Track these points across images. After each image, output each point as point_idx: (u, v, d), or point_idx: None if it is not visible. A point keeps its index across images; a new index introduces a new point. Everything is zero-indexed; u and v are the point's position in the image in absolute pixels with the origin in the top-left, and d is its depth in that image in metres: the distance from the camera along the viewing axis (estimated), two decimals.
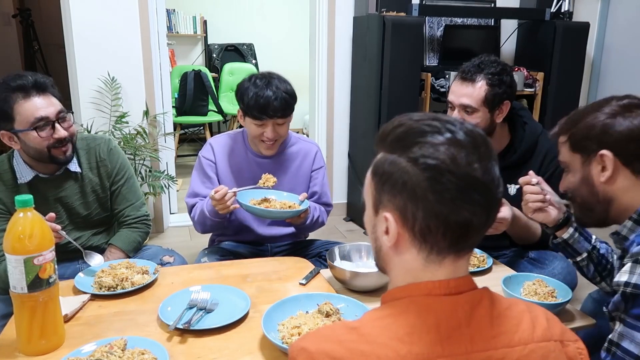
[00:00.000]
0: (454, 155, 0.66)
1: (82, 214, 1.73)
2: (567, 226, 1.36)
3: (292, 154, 1.92)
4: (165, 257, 1.72)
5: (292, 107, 1.77)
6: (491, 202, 0.68)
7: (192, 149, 5.61)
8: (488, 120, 1.74)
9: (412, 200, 0.68)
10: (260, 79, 1.74)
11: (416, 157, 0.67)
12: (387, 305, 0.72)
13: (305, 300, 1.28)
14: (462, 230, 0.68)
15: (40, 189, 1.64)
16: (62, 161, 1.62)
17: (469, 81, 1.71)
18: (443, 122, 0.70)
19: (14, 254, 1.07)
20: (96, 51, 2.93)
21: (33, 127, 1.52)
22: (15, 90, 1.51)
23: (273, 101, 1.69)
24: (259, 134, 1.77)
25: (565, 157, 1.20)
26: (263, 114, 1.71)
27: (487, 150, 0.69)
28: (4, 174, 1.62)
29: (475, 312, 0.69)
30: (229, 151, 1.89)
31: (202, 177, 1.86)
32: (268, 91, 1.70)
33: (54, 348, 1.13)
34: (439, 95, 3.27)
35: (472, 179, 0.66)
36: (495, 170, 0.69)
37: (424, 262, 0.71)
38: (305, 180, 1.93)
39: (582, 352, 0.76)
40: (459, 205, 0.66)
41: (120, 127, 2.97)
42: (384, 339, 0.65)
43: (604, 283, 1.35)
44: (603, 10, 3.86)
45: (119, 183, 1.78)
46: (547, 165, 1.80)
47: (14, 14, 5.19)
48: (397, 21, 2.99)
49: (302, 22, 4.86)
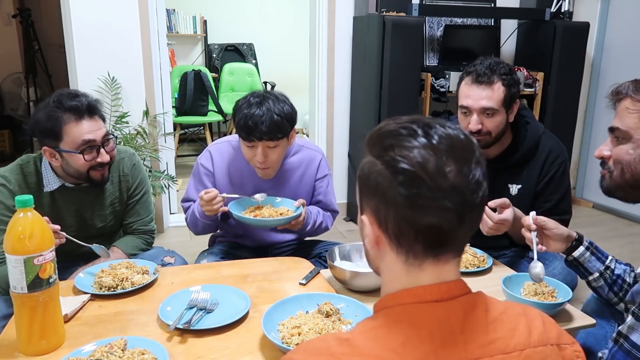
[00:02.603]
0: (424, 160, 0.65)
1: (98, 225, 1.74)
2: (579, 245, 1.35)
3: (295, 163, 1.85)
4: (166, 258, 1.72)
5: (283, 130, 1.64)
6: (463, 207, 0.66)
7: (192, 149, 5.61)
8: (505, 120, 1.73)
9: (383, 203, 0.68)
10: (255, 97, 1.66)
11: (388, 160, 0.67)
12: (379, 314, 0.71)
13: (305, 300, 1.28)
14: (432, 234, 0.67)
15: (63, 198, 1.65)
16: (98, 182, 1.63)
17: (486, 84, 1.68)
18: (422, 125, 0.68)
19: (14, 254, 1.07)
20: (96, 51, 2.93)
21: (80, 151, 1.53)
22: (68, 110, 1.51)
23: (261, 124, 1.59)
24: (250, 157, 1.70)
25: (631, 125, 1.11)
26: (251, 135, 1.62)
27: (466, 153, 0.67)
28: (29, 176, 1.62)
29: (469, 318, 0.68)
30: (229, 161, 1.83)
31: (198, 184, 1.83)
32: (258, 111, 1.60)
33: (54, 348, 1.13)
34: (439, 95, 3.26)
35: (442, 184, 0.65)
36: (475, 174, 0.67)
37: (404, 265, 0.70)
38: (309, 189, 1.88)
39: (580, 354, 0.75)
40: (426, 210, 0.65)
41: (120, 127, 2.97)
42: (377, 351, 0.64)
43: (622, 304, 1.32)
44: (603, 10, 3.85)
45: (135, 198, 1.80)
46: (549, 165, 1.80)
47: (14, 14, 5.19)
48: (397, 21, 2.99)
49: (302, 22, 4.86)
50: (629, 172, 1.13)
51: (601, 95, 3.89)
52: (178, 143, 5.11)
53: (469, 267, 1.56)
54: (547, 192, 1.81)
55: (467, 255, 1.60)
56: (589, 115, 4.03)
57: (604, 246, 1.41)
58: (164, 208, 3.33)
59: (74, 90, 1.60)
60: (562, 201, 1.82)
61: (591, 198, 4.03)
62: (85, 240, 1.67)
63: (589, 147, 4.05)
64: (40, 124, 1.52)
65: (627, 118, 1.12)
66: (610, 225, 3.65)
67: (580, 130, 4.04)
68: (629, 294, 1.00)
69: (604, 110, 3.79)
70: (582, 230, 1.46)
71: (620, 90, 1.15)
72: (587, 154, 4.06)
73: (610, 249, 1.44)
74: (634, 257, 3.04)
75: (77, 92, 1.57)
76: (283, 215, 1.67)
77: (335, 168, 3.59)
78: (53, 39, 5.36)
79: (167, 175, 3.16)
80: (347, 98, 3.53)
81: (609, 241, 3.26)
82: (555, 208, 1.79)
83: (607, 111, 1.21)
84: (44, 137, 1.53)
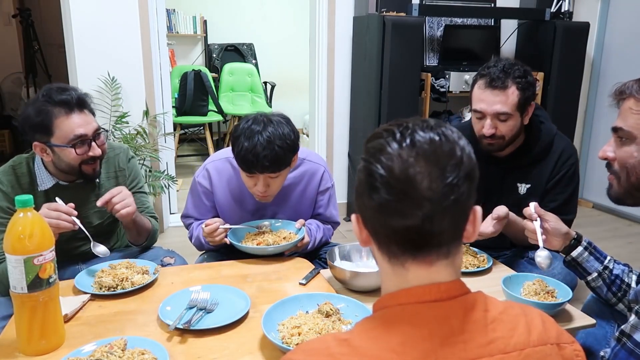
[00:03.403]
0: (394, 166, 0.66)
1: (94, 223, 1.73)
2: (578, 245, 1.35)
3: (296, 178, 1.79)
4: (166, 258, 1.71)
5: (286, 162, 1.58)
6: (433, 212, 0.65)
7: (192, 149, 5.62)
8: (519, 123, 1.71)
9: (362, 204, 0.71)
10: (256, 124, 1.55)
11: (365, 163, 0.69)
12: (378, 314, 0.71)
13: (305, 300, 1.28)
14: (405, 236, 0.67)
15: (57, 197, 1.64)
16: (90, 177, 1.63)
17: (500, 88, 1.66)
18: (402, 128, 0.69)
19: (14, 254, 1.06)
20: (96, 51, 2.93)
21: (71, 145, 1.53)
22: (58, 104, 1.51)
23: (262, 158, 1.51)
24: (250, 185, 1.64)
25: (632, 125, 1.10)
26: (252, 169, 1.55)
27: (442, 157, 0.66)
28: (22, 177, 1.61)
29: (468, 317, 0.68)
30: (227, 178, 1.76)
31: (197, 201, 1.80)
32: (259, 144, 1.51)
33: (54, 348, 1.13)
34: (439, 95, 3.27)
35: (410, 191, 0.65)
36: (448, 178, 0.66)
37: (389, 265, 0.71)
38: (311, 204, 1.84)
39: (579, 354, 0.75)
40: (395, 214, 0.66)
41: (120, 127, 2.97)
42: (376, 351, 0.64)
43: (621, 304, 1.33)
44: (603, 10, 3.85)
45: (133, 189, 1.79)
46: (560, 165, 1.79)
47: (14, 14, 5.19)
48: (397, 21, 2.99)
49: (302, 22, 4.87)
50: (634, 176, 1.12)
51: (601, 95, 3.89)
52: (178, 143, 5.11)
53: (469, 267, 1.56)
54: (554, 191, 1.80)
55: (467, 255, 1.60)
56: (589, 115, 4.03)
57: (604, 246, 1.41)
58: (164, 208, 3.33)
59: (63, 84, 1.59)
60: (568, 202, 1.81)
61: (591, 198, 4.03)
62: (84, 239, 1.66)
63: (589, 147, 4.05)
64: (30, 119, 1.51)
65: (630, 118, 1.11)
66: (610, 225, 3.65)
67: (581, 131, 4.04)
68: (632, 293, 1.00)
69: (604, 110, 3.81)
70: (582, 230, 1.46)
71: (624, 89, 1.13)
72: (587, 154, 4.06)
73: (610, 249, 1.44)
74: (634, 257, 3.04)
75: (66, 86, 1.56)
76: (286, 239, 1.65)
77: (335, 168, 3.60)
78: (53, 39, 5.36)
79: (167, 175, 3.16)
80: (347, 98, 3.53)
81: (609, 241, 3.26)
82: (560, 208, 1.77)
83: (607, 111, 1.21)
84: (35, 133, 1.53)
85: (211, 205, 1.80)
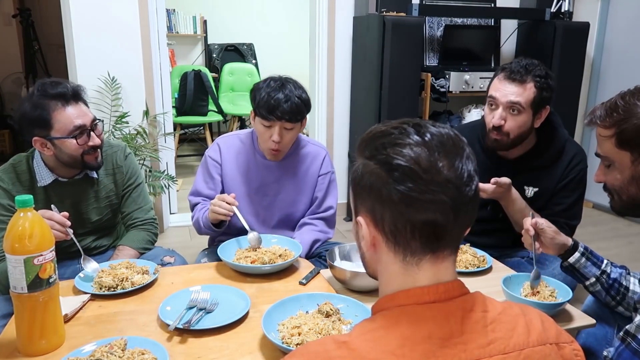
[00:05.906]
0: (417, 156, 0.67)
1: (93, 219, 1.73)
2: (575, 251, 1.36)
3: (301, 157, 1.89)
4: (166, 258, 1.71)
5: (302, 113, 1.73)
6: (458, 200, 0.67)
7: (192, 149, 5.61)
8: (529, 123, 1.71)
9: (379, 201, 0.69)
10: (275, 81, 1.73)
11: (382, 159, 0.69)
12: (377, 316, 0.71)
13: (305, 300, 1.28)
14: (429, 229, 0.68)
15: (57, 193, 1.65)
16: (94, 166, 1.65)
17: (518, 82, 1.67)
18: (413, 125, 0.71)
19: (14, 254, 1.07)
20: (96, 51, 2.93)
21: (72, 135, 1.54)
22: (54, 98, 1.52)
23: (283, 103, 1.66)
24: (266, 137, 1.74)
25: (608, 151, 1.14)
26: (271, 114, 1.67)
27: (457, 149, 0.70)
28: (22, 174, 1.63)
29: (467, 318, 0.68)
30: (236, 153, 1.87)
31: (206, 176, 1.86)
32: (280, 93, 1.68)
33: (54, 348, 1.13)
34: (439, 95, 3.26)
35: (436, 178, 0.67)
36: (467, 167, 0.69)
37: (402, 265, 0.71)
38: (312, 184, 1.91)
39: (579, 353, 0.75)
40: (422, 205, 0.67)
41: (120, 127, 2.97)
42: (376, 354, 0.64)
43: (620, 307, 1.33)
44: (603, 10, 3.85)
45: (131, 187, 1.80)
46: (570, 170, 1.79)
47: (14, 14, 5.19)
48: (397, 21, 2.99)
49: (302, 22, 4.86)
50: (625, 195, 1.17)
51: (601, 95, 3.89)
52: (178, 143, 5.11)
53: (469, 267, 1.56)
54: (561, 194, 1.80)
55: (467, 255, 1.60)
56: None
57: (604, 246, 1.41)
58: (164, 208, 3.33)
59: (56, 78, 1.60)
60: (573, 206, 1.80)
61: (591, 198, 4.02)
62: (83, 235, 1.67)
63: (589, 148, 4.04)
64: (28, 114, 1.52)
65: (603, 145, 1.16)
66: (610, 225, 3.65)
67: (580, 131, 4.04)
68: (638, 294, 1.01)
69: None
70: (582, 230, 1.46)
71: (592, 118, 1.17)
72: (587, 154, 4.05)
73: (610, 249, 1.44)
74: (634, 257, 3.04)
75: (59, 80, 1.58)
76: (282, 256, 1.56)
77: (335, 168, 3.58)
78: (53, 39, 5.36)
79: (167, 175, 3.16)
80: (347, 98, 3.53)
81: (609, 241, 3.26)
82: (565, 212, 1.78)
83: None
84: (34, 128, 1.53)
85: (219, 180, 1.85)
